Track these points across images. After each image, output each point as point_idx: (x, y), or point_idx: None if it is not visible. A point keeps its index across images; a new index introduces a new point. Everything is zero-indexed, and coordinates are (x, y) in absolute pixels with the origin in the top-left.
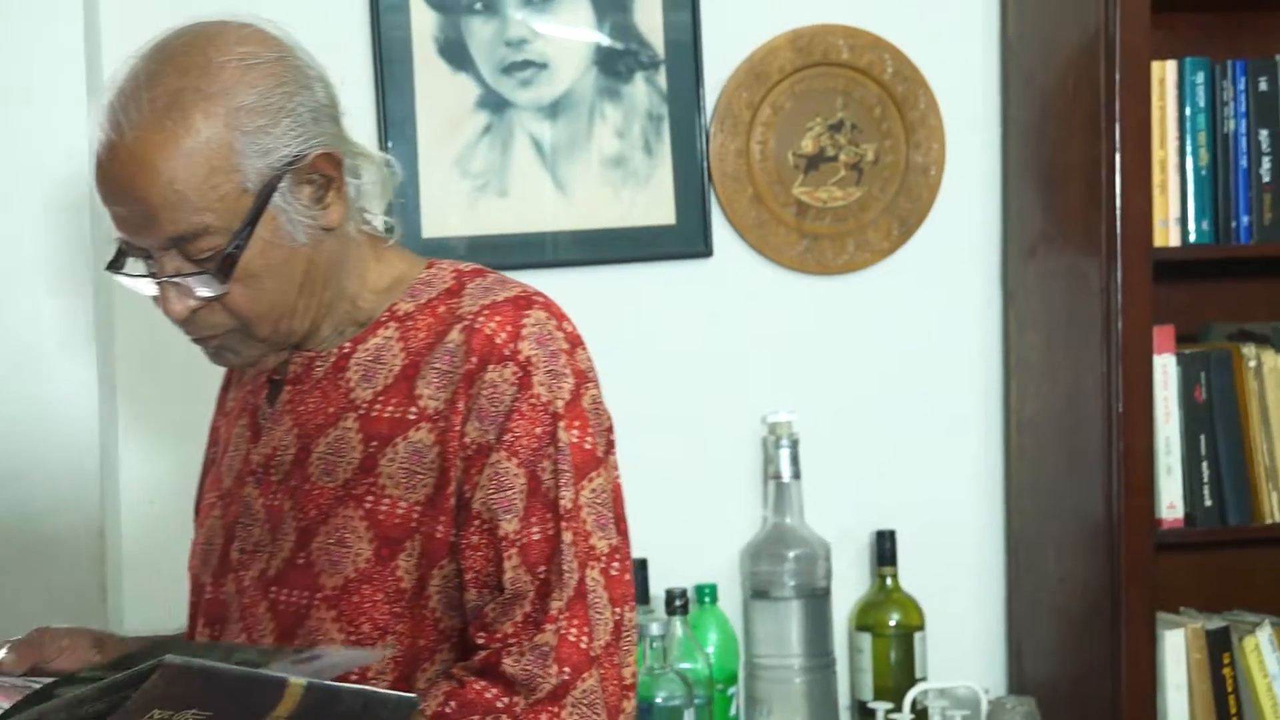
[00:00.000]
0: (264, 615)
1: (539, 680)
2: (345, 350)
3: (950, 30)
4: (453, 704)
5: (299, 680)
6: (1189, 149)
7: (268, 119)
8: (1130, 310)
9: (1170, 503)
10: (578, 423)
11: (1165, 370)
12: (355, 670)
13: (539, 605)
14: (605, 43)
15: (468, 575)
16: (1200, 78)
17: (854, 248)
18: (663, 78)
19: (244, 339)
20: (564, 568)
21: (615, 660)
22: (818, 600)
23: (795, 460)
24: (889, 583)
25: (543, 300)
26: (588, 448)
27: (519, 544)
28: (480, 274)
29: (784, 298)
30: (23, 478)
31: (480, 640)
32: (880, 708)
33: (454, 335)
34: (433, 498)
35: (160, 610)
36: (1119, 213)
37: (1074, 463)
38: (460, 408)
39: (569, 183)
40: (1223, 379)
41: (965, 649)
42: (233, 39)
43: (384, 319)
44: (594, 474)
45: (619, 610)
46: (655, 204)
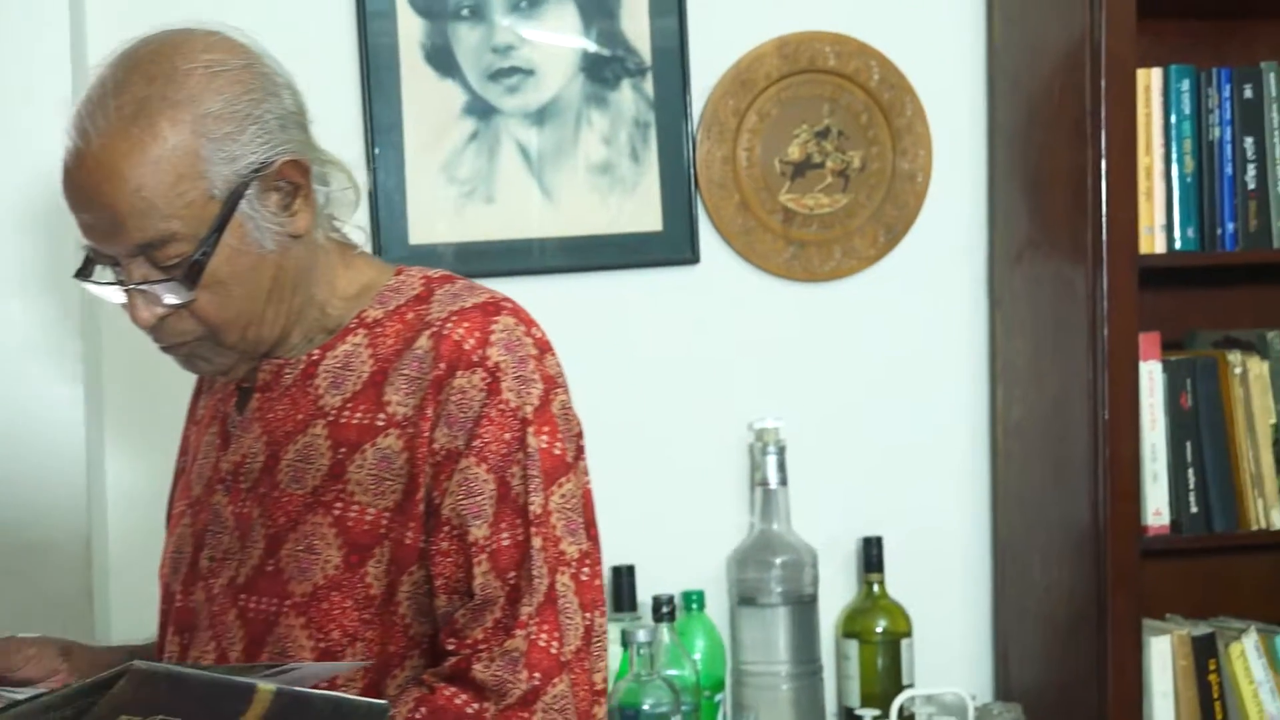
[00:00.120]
0: (233, 623)
1: (509, 686)
2: (314, 357)
3: (937, 38)
4: (423, 710)
5: (268, 686)
6: (1174, 156)
7: (234, 126)
8: (1116, 317)
9: (1156, 509)
10: (547, 428)
11: (1151, 377)
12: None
13: (509, 611)
14: (592, 49)
15: (438, 581)
16: (1185, 85)
17: (841, 254)
18: (649, 84)
19: (213, 346)
20: (534, 573)
21: (586, 666)
22: (804, 607)
23: (782, 467)
24: (876, 589)
25: (511, 306)
26: (557, 453)
27: (489, 550)
28: (449, 280)
29: (771, 304)
30: (9, 485)
31: (450, 646)
32: (867, 714)
33: (422, 341)
34: (401, 504)
35: (146, 616)
36: (1105, 219)
37: (1060, 469)
38: (429, 414)
39: (556, 189)
40: (1208, 386)
41: (952, 655)
42: (199, 46)
43: (353, 326)
44: (564, 479)
45: (589, 615)
46: (642, 211)
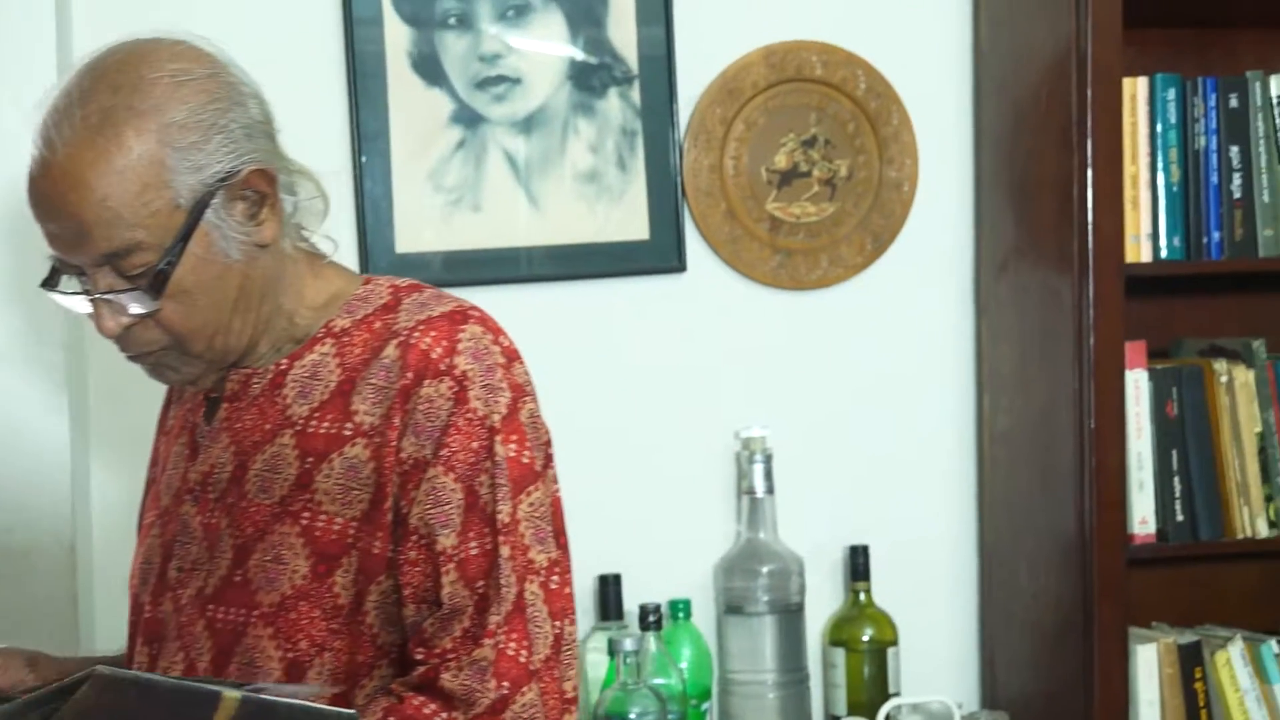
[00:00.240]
0: (201, 633)
1: (477, 695)
2: (282, 367)
3: (923, 47)
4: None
5: (233, 693)
6: (1160, 165)
7: (199, 135)
8: (1102, 325)
9: (1142, 518)
10: (515, 437)
11: (1137, 386)
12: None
13: (477, 620)
14: (579, 57)
15: (406, 591)
16: (1171, 94)
17: (827, 263)
18: (636, 93)
19: (180, 356)
20: (502, 582)
21: (556, 674)
22: (791, 615)
23: (769, 475)
24: (862, 598)
25: (478, 315)
26: (525, 462)
27: (457, 559)
28: (417, 289)
29: (757, 313)
30: None
31: (419, 656)
32: None
33: (390, 351)
34: (369, 513)
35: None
36: (1091, 228)
37: (1046, 478)
38: (396, 423)
39: (543, 198)
40: (1194, 394)
41: (938, 664)
42: (165, 56)
43: (320, 335)
44: (532, 488)
45: (559, 624)
46: (629, 219)
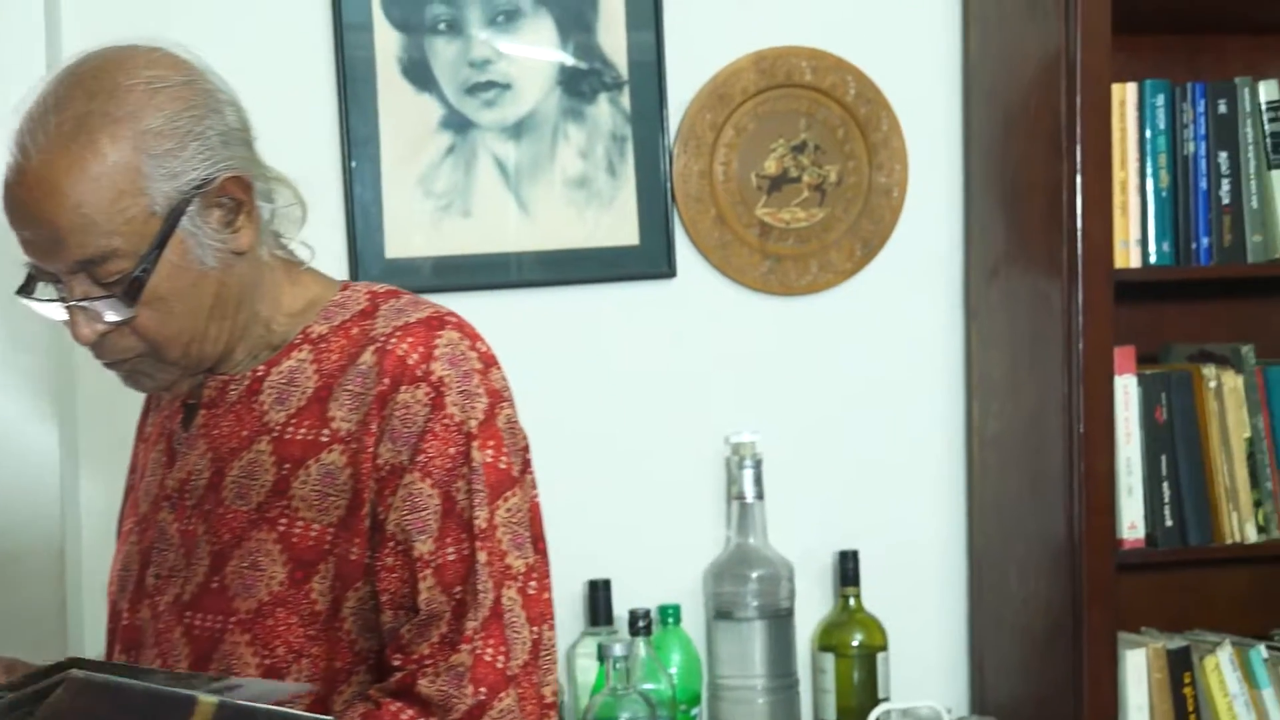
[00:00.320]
0: (179, 640)
1: (454, 701)
2: (259, 373)
3: (913, 53)
4: None
5: (209, 698)
6: (1149, 171)
7: (175, 142)
8: (1091, 331)
9: (1131, 523)
10: (492, 442)
11: (1126, 391)
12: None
13: (455, 626)
14: (569, 63)
15: (383, 597)
16: (1160, 100)
17: (817, 268)
18: (626, 98)
19: (156, 363)
20: (479, 588)
21: (534, 680)
22: (781, 620)
23: (758, 480)
24: (852, 603)
25: (455, 321)
26: (502, 467)
27: (434, 565)
28: (394, 295)
29: (747, 318)
30: None
31: (396, 662)
32: None
33: (366, 357)
34: (346, 520)
35: None
36: (1080, 234)
37: (1036, 483)
38: (373, 429)
39: (532, 203)
40: (1183, 400)
41: (928, 669)
42: (141, 63)
43: (298, 341)
44: (509, 493)
45: (537, 629)
46: (619, 225)
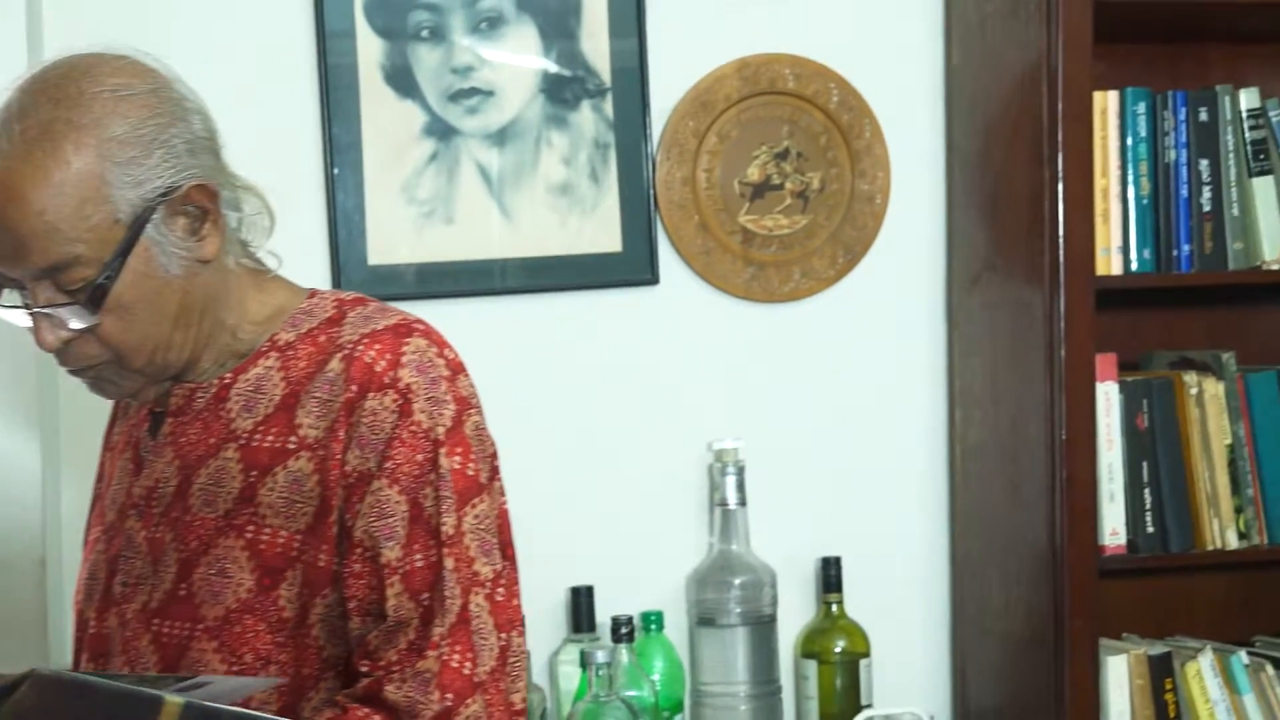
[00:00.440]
0: (146, 648)
1: (421, 707)
2: (226, 381)
3: (895, 60)
4: None
5: (176, 699)
6: (1130, 178)
7: (140, 150)
8: (1073, 338)
9: (1113, 529)
10: (459, 449)
11: (1108, 398)
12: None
13: (422, 632)
14: (552, 70)
15: (350, 604)
16: (1141, 107)
17: (799, 275)
18: (609, 105)
19: (120, 370)
20: (446, 594)
21: (502, 686)
22: (763, 627)
23: (741, 487)
24: (834, 609)
25: (423, 328)
26: (470, 474)
27: (401, 571)
28: (361, 303)
29: (730, 325)
30: None
31: (364, 668)
32: None
33: (334, 364)
34: (313, 527)
35: None
36: (1061, 241)
37: (1018, 489)
38: (340, 436)
39: (515, 210)
40: (1164, 406)
41: (911, 675)
42: (107, 71)
43: (265, 349)
44: (477, 500)
45: (505, 636)
46: (602, 232)
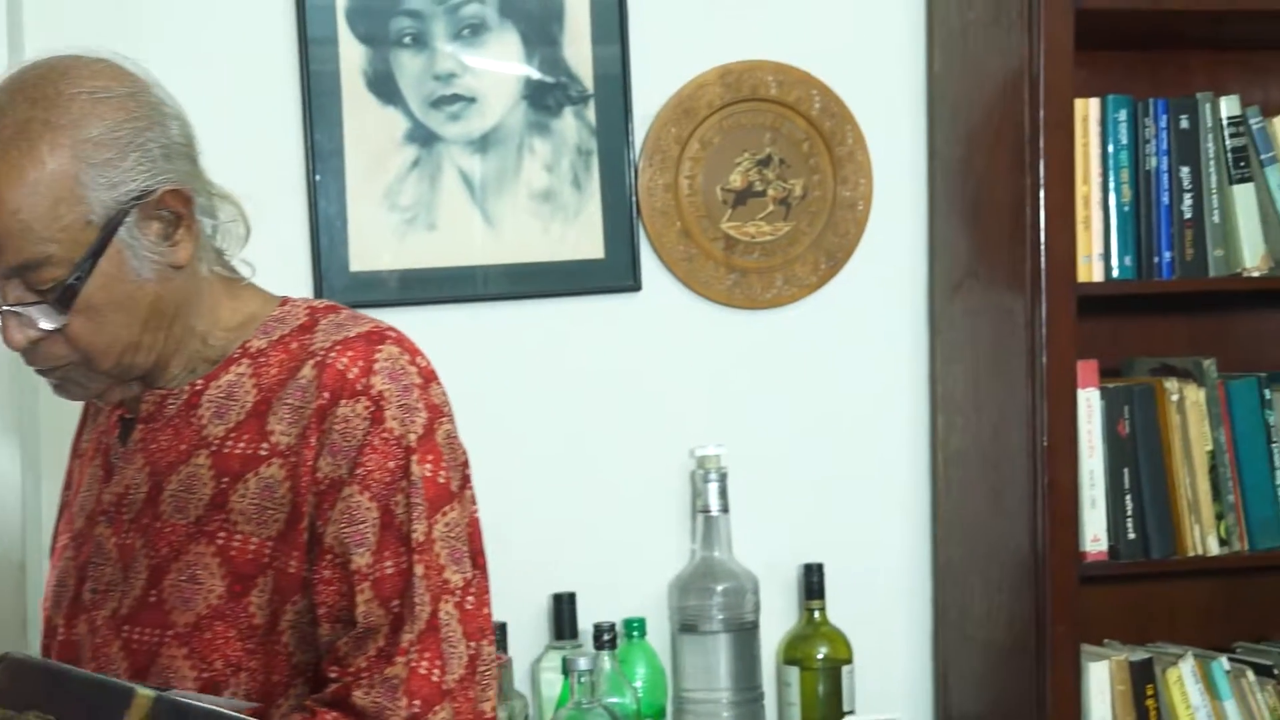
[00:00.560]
0: (116, 654)
1: (389, 713)
2: (198, 388)
3: (878, 67)
4: None
5: (147, 691)
6: (1112, 185)
7: (115, 152)
8: (1054, 345)
9: (1094, 535)
10: (431, 457)
11: (1089, 404)
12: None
13: (392, 639)
14: (534, 76)
15: (320, 610)
16: (1123, 115)
17: (782, 282)
18: (592, 112)
19: (87, 372)
20: (416, 601)
21: (471, 695)
22: (746, 634)
23: (724, 494)
24: (817, 616)
25: (395, 335)
26: (441, 482)
27: (371, 578)
28: (333, 310)
29: (712, 332)
30: None
31: (333, 674)
32: None
33: (306, 371)
34: (285, 533)
35: None
36: (1043, 248)
37: (999, 496)
38: (312, 443)
39: (498, 217)
40: (1146, 413)
41: (893, 682)
42: (86, 73)
43: (236, 356)
44: (448, 508)
45: (474, 644)
46: (584, 238)
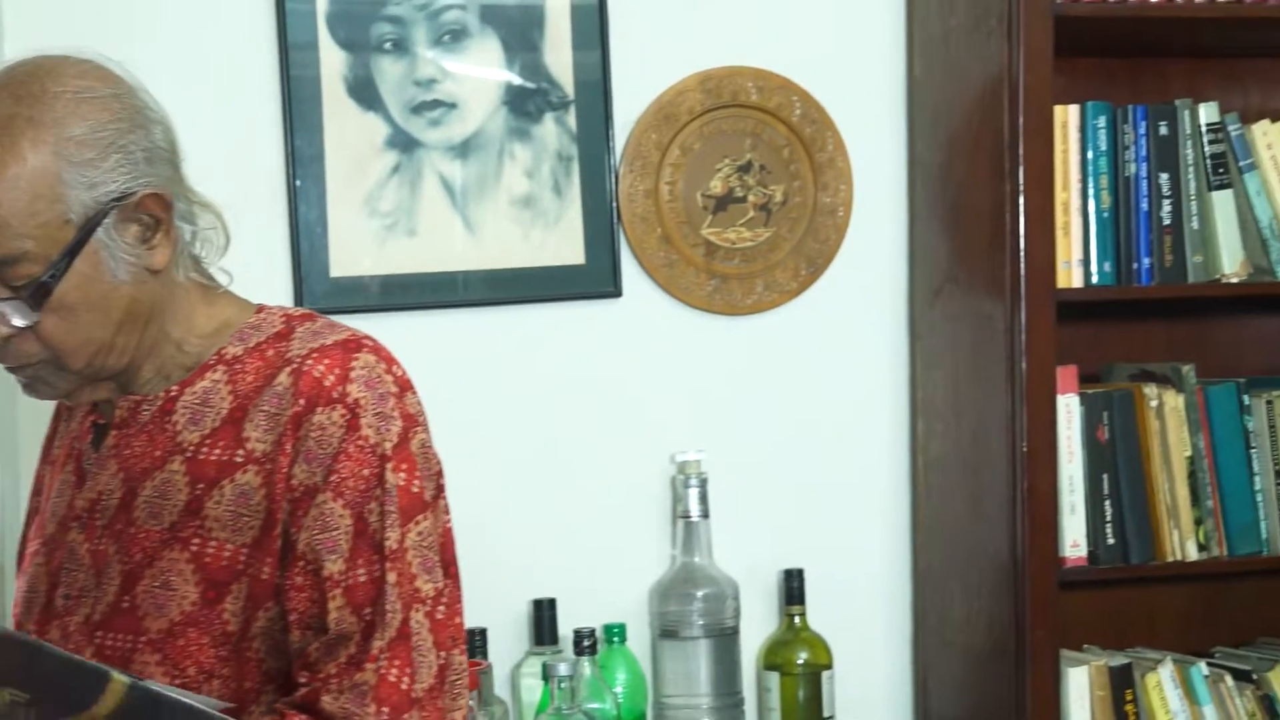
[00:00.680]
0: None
1: (356, 719)
2: (172, 394)
3: (858, 73)
4: None
5: (122, 677)
6: (1091, 192)
7: (97, 152)
8: (1034, 350)
9: (1074, 541)
10: (405, 465)
11: (1068, 410)
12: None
13: (363, 646)
14: (515, 82)
15: (292, 616)
16: (1102, 121)
17: (762, 288)
18: (572, 118)
19: (57, 371)
20: (387, 609)
21: (440, 704)
22: (726, 639)
23: (704, 499)
24: (797, 621)
25: (372, 344)
26: (415, 491)
27: (344, 585)
28: (310, 318)
29: (693, 338)
30: None
31: (303, 679)
32: None
33: (282, 378)
34: (259, 540)
35: None
36: (1022, 254)
37: (979, 501)
38: (288, 450)
39: (478, 223)
40: (1125, 418)
41: (873, 687)
42: (72, 73)
43: (212, 362)
44: (421, 517)
45: (445, 654)
46: (564, 244)
